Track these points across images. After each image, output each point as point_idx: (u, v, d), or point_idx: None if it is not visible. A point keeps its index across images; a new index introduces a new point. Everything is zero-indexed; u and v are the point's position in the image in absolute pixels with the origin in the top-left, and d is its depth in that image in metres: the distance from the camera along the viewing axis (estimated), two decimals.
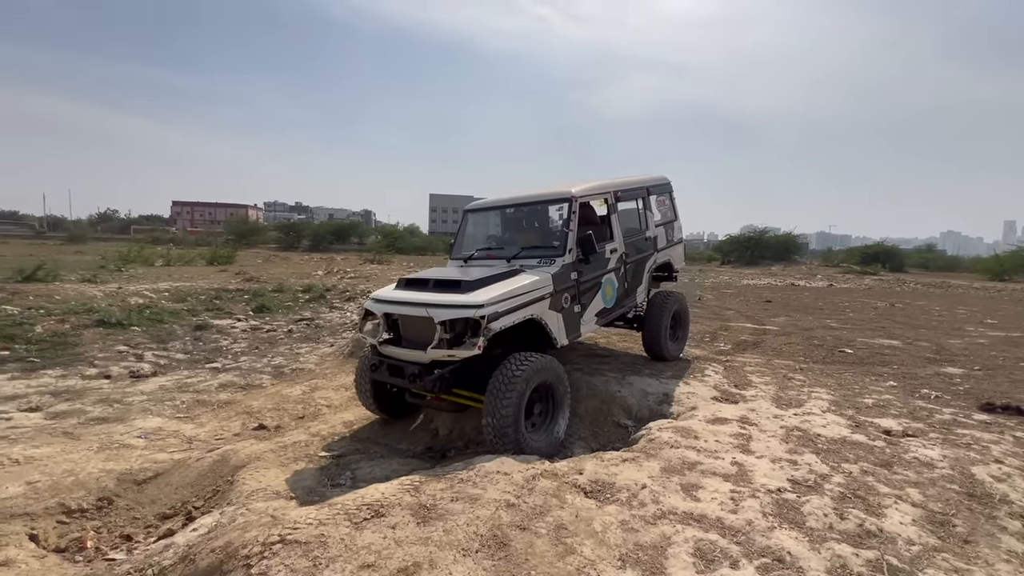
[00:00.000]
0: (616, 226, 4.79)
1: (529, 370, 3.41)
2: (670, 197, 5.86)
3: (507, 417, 3.29)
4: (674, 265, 5.85)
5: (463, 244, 4.98)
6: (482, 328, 3.34)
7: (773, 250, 37.64)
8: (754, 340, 7.46)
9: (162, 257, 22.63)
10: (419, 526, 2.27)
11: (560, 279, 4.02)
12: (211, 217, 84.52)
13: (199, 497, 3.47)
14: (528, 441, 3.43)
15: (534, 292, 3.77)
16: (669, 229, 5.73)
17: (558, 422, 3.80)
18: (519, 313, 3.63)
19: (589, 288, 4.39)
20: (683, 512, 2.53)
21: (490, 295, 3.50)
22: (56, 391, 5.05)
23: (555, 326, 3.97)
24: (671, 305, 5.44)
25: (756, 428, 3.76)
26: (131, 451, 3.91)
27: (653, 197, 5.51)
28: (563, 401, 3.83)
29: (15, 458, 3.62)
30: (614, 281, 4.73)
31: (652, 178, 5.58)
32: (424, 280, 3.96)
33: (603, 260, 4.57)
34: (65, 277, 12.52)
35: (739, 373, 5.38)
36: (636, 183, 5.27)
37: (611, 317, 4.83)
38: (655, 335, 5.34)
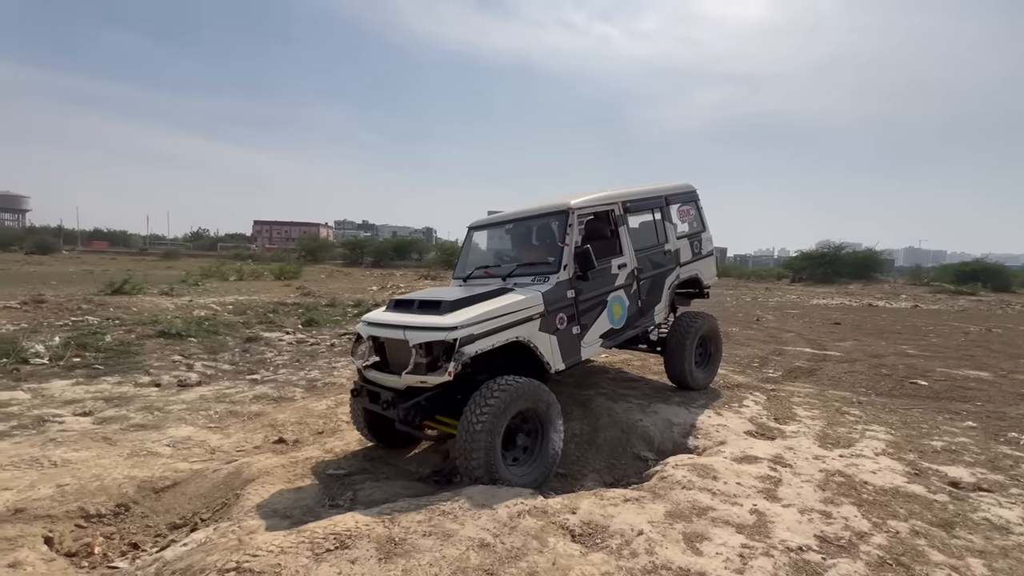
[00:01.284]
0: (625, 239, 4.45)
1: (504, 397, 3.12)
2: (696, 206, 5.39)
3: (477, 450, 3.03)
4: (703, 280, 5.36)
5: (465, 262, 4.82)
6: (454, 352, 3.15)
7: (851, 267, 34.79)
8: (810, 367, 6.78)
9: (236, 272, 24.45)
10: (380, 563, 2.15)
11: (553, 298, 3.75)
12: (287, 235, 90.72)
13: (209, 509, 3.55)
14: (507, 476, 3.14)
15: (519, 312, 3.52)
16: (695, 241, 5.27)
17: (549, 445, 3.46)
18: (500, 335, 3.39)
19: (591, 307, 4.07)
20: (678, 568, 2.23)
21: (465, 316, 3.30)
22: (109, 397, 5.45)
23: (547, 349, 3.69)
24: (697, 327, 4.97)
25: (789, 470, 3.33)
26: (157, 459, 4.09)
27: (674, 207, 5.12)
28: (552, 423, 3.48)
29: (54, 460, 3.89)
30: (623, 299, 4.37)
31: (671, 186, 5.17)
32: (410, 301, 3.79)
33: (609, 276, 4.25)
34: (148, 290, 13.76)
35: (783, 405, 4.86)
36: (649, 192, 4.90)
37: (621, 339, 4.46)
38: (678, 360, 4.91)
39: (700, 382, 5.07)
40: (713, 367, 5.33)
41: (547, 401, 3.40)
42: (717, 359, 5.39)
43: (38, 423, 4.61)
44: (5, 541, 2.89)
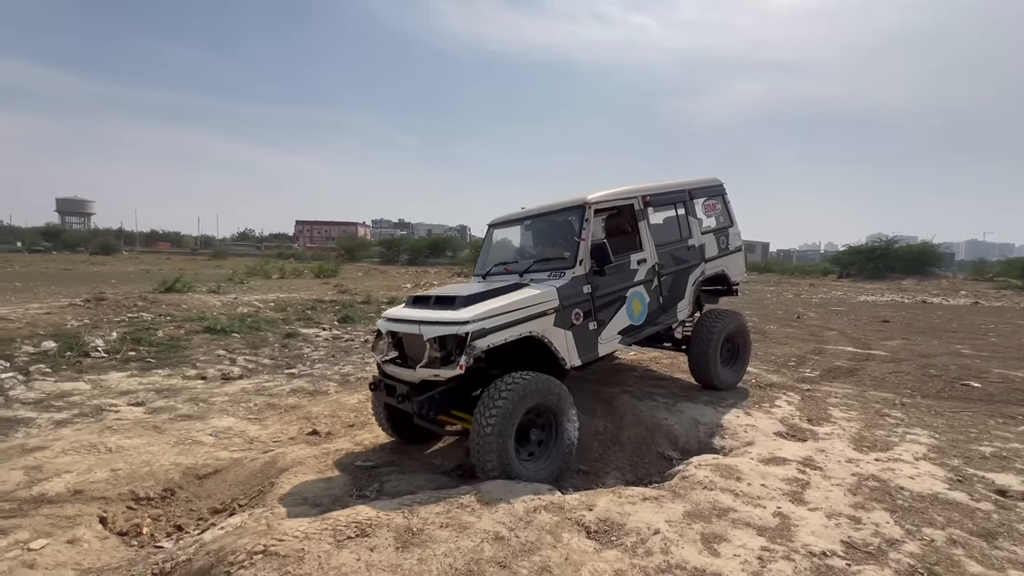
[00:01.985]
0: (645, 234, 4.38)
1: (512, 396, 3.12)
2: (723, 200, 5.24)
3: (490, 451, 3.05)
4: (731, 277, 5.21)
5: (485, 259, 4.85)
6: (466, 346, 3.18)
7: (904, 262, 32.92)
8: (851, 367, 6.48)
9: (278, 271, 25.45)
10: (397, 551, 2.22)
11: (568, 293, 3.72)
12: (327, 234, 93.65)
13: (246, 495, 3.74)
14: (522, 472, 3.16)
15: (534, 307, 3.51)
16: (722, 236, 5.14)
17: (564, 437, 3.46)
18: (513, 330, 3.39)
19: (609, 303, 4.03)
20: (694, 568, 2.21)
21: (477, 311, 3.31)
22: (159, 389, 5.81)
23: (562, 344, 3.67)
24: (723, 325, 4.83)
25: (819, 473, 3.22)
26: (200, 447, 4.35)
27: (699, 201, 5.00)
28: (565, 414, 3.46)
29: (110, 446, 4.19)
30: (644, 295, 4.30)
31: (695, 180, 5.05)
32: (428, 297, 3.84)
33: (628, 272, 4.20)
34: (197, 288, 14.52)
35: (818, 405, 4.68)
36: (672, 187, 4.80)
37: (642, 335, 4.38)
38: (702, 359, 4.78)
39: (726, 382, 4.93)
40: (741, 366, 5.17)
41: (558, 394, 3.39)
42: (745, 358, 5.22)
43: (96, 412, 4.98)
44: (65, 519, 3.15)
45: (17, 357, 6.36)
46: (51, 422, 4.66)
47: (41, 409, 4.96)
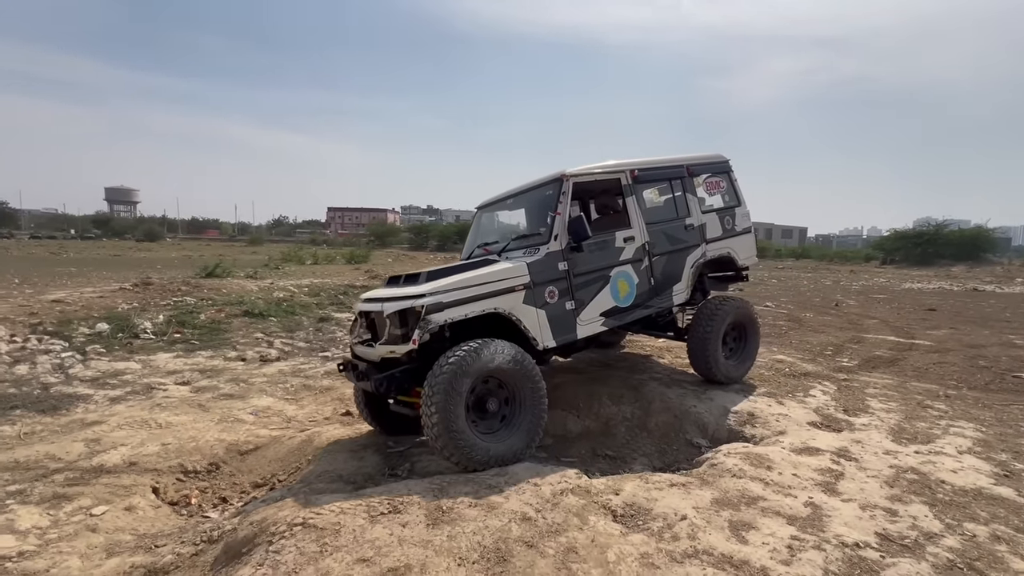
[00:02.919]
0: (634, 211, 4.13)
1: (460, 361, 2.95)
2: (729, 179, 4.90)
3: (435, 416, 2.90)
4: (738, 260, 4.84)
5: (473, 242, 4.69)
6: (419, 320, 3.07)
7: (955, 247, 31.21)
8: (892, 356, 6.24)
9: (312, 257, 26.11)
10: (428, 528, 2.31)
11: (541, 269, 3.52)
12: (357, 221, 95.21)
13: (285, 471, 3.92)
14: (476, 443, 3.01)
15: (499, 282, 3.34)
16: (727, 216, 4.79)
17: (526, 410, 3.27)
18: (475, 305, 3.23)
19: (590, 282, 3.80)
20: (720, 554, 2.21)
21: (436, 285, 3.21)
22: (203, 369, 6.11)
23: (533, 323, 3.47)
24: (726, 313, 4.50)
25: (854, 464, 3.14)
26: (242, 425, 4.56)
27: (700, 179, 4.70)
28: (530, 400, 3.26)
29: (160, 422, 4.45)
30: (631, 275, 4.04)
31: (696, 156, 4.74)
32: (399, 276, 3.74)
33: (612, 250, 3.96)
34: (236, 274, 15.07)
35: (855, 396, 4.55)
36: (666, 162, 4.51)
37: (630, 318, 4.11)
38: (701, 349, 4.45)
39: (729, 374, 4.60)
40: (747, 358, 4.83)
41: (518, 361, 3.18)
42: (752, 350, 4.87)
43: (147, 390, 5.27)
44: (122, 488, 3.38)
45: (75, 338, 6.77)
46: (106, 399, 4.97)
47: (97, 386, 5.29)
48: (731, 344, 4.74)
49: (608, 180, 4.17)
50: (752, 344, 4.85)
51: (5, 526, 2.78)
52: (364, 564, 2.02)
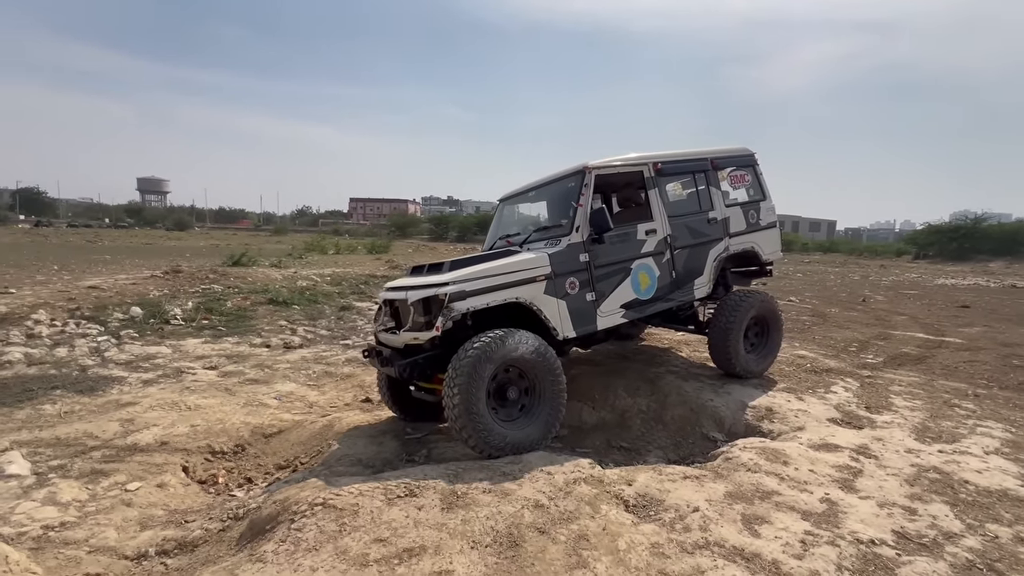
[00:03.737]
0: (656, 204, 4.12)
1: (484, 347, 3.02)
2: (753, 172, 4.81)
3: (457, 398, 2.98)
4: (762, 255, 4.78)
5: (493, 234, 4.74)
6: (443, 308, 3.14)
7: (993, 242, 30.01)
8: (920, 354, 6.07)
9: (334, 247, 26.52)
10: (443, 511, 2.37)
11: (562, 260, 3.57)
12: (379, 211, 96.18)
13: (307, 454, 4.05)
14: (496, 430, 3.08)
15: (521, 272, 3.41)
16: (751, 211, 4.72)
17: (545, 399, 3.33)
18: (497, 294, 3.30)
19: (611, 274, 3.82)
20: (732, 547, 2.21)
21: (459, 274, 3.28)
22: (230, 355, 6.31)
23: (553, 314, 3.52)
24: (748, 307, 4.45)
25: (874, 462, 3.09)
26: (266, 409, 4.72)
27: (725, 172, 4.62)
28: (550, 391, 3.32)
29: (189, 405, 4.63)
30: (652, 268, 4.04)
31: (721, 149, 4.67)
32: (423, 265, 3.84)
33: (634, 243, 3.97)
34: (261, 263, 15.43)
35: (878, 393, 4.45)
36: (690, 155, 4.47)
37: (650, 311, 4.10)
38: (721, 343, 4.42)
39: (749, 369, 4.54)
40: (768, 353, 4.75)
41: (539, 352, 3.25)
42: (775, 345, 4.79)
43: (177, 374, 5.48)
44: (154, 466, 3.54)
45: (110, 322, 7.06)
46: (139, 381, 5.19)
47: (131, 369, 5.52)
48: (753, 339, 4.68)
49: (631, 173, 4.15)
50: (774, 339, 4.77)
51: (48, 498, 2.95)
52: (380, 544, 2.09)
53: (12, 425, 4.00)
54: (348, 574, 1.90)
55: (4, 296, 8.22)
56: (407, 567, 1.95)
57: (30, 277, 11.47)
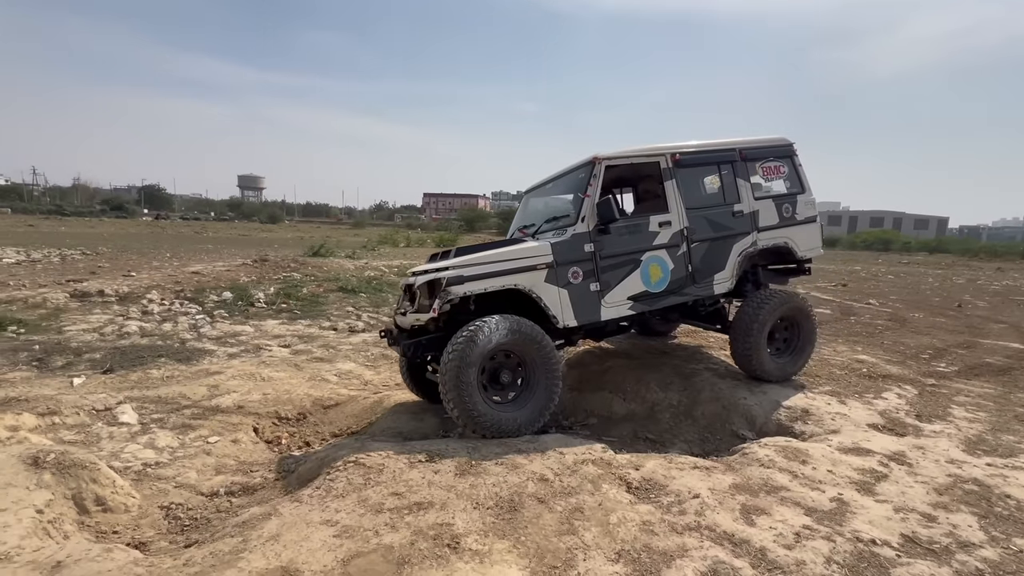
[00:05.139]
0: (672, 195, 4.02)
1: (473, 336, 3.16)
2: (791, 163, 4.53)
3: (449, 386, 3.13)
4: (797, 251, 4.49)
5: (514, 225, 4.82)
6: (439, 291, 3.30)
7: None
8: (1005, 365, 5.50)
9: (405, 240, 27.90)
10: (455, 476, 2.64)
11: (565, 249, 3.61)
12: (450, 206, 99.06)
13: (358, 425, 4.52)
14: (487, 413, 3.21)
15: (522, 260, 3.49)
16: (786, 204, 4.45)
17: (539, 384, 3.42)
18: (495, 280, 3.40)
19: (618, 265, 3.80)
20: (722, 532, 2.29)
21: (460, 260, 3.43)
22: (301, 335, 7.03)
23: (554, 302, 3.57)
24: (773, 306, 4.22)
25: (905, 469, 2.97)
26: (327, 384, 5.27)
27: (756, 164, 4.39)
28: (544, 361, 3.40)
29: (264, 377, 5.28)
30: (665, 261, 3.97)
31: (752, 140, 4.44)
32: (438, 252, 4.00)
33: (645, 234, 3.91)
34: (337, 254, 16.68)
35: (937, 402, 4.16)
36: (715, 145, 4.29)
37: (662, 304, 4.02)
38: (742, 343, 4.22)
39: (772, 372, 4.31)
40: (797, 358, 4.48)
41: (533, 338, 3.35)
42: (806, 348, 4.50)
43: (256, 350, 6.23)
44: (231, 425, 4.14)
45: (206, 303, 8.09)
46: (226, 354, 5.97)
47: (220, 344, 6.35)
48: (780, 341, 4.47)
49: (645, 164, 4.10)
50: (805, 343, 4.50)
51: (148, 443, 3.59)
52: (396, 497, 2.40)
53: (127, 384, 4.82)
54: (364, 517, 2.23)
55: (128, 279, 9.65)
56: (414, 516, 2.25)
57: (148, 263, 13.27)
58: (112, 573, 1.84)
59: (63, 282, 9.02)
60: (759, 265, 4.56)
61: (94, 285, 8.35)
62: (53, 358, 5.45)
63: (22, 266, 12.05)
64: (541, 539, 2.19)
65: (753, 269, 4.52)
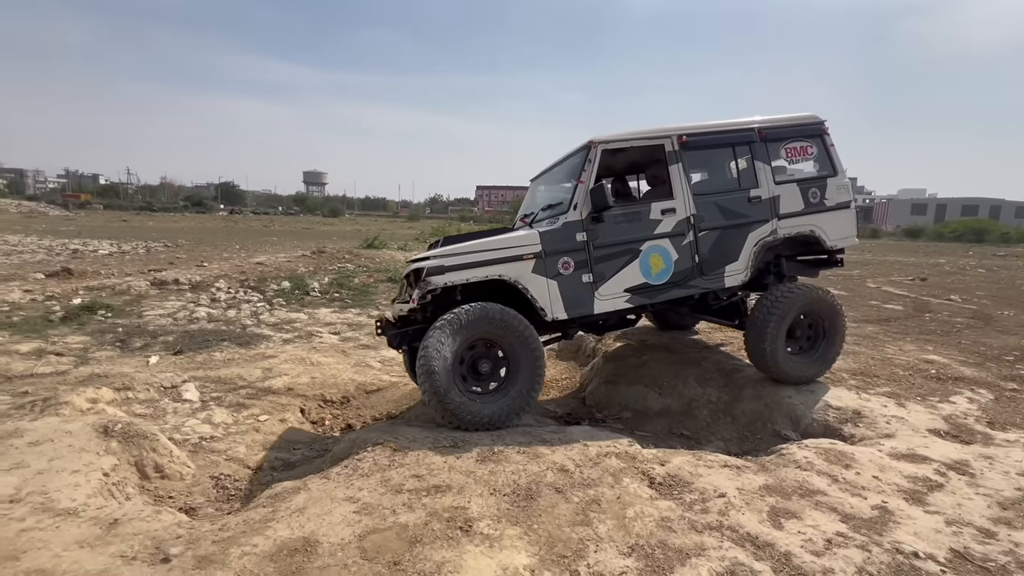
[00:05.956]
0: (678, 180, 3.73)
1: (445, 326, 3.12)
2: (821, 143, 4.09)
3: (424, 379, 3.11)
4: (826, 240, 4.06)
5: (520, 213, 4.70)
6: (420, 281, 3.25)
7: None
8: None
9: (456, 231, 28.38)
10: (476, 463, 2.69)
11: (555, 239, 3.46)
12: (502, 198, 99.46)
13: (397, 410, 4.70)
14: (462, 403, 3.17)
15: (507, 250, 3.38)
16: (813, 189, 4.03)
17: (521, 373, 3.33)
18: (478, 270, 3.31)
19: (614, 255, 3.60)
20: (746, 533, 2.20)
21: (444, 250, 3.36)
22: (351, 323, 7.36)
23: (542, 293, 3.44)
24: (792, 301, 3.85)
25: (966, 479, 2.71)
26: (370, 370, 5.50)
27: (778, 145, 3.99)
28: (525, 362, 3.31)
29: (314, 361, 5.59)
30: (668, 250, 3.71)
31: (775, 119, 4.04)
32: (436, 242, 3.95)
33: (645, 222, 3.67)
34: (390, 246, 17.25)
35: (1017, 408, 3.75)
36: (730, 125, 3.94)
37: (665, 297, 3.77)
38: (756, 340, 3.89)
39: (789, 373, 3.94)
40: (821, 358, 4.07)
41: (512, 327, 3.25)
42: (831, 348, 4.07)
43: (308, 336, 6.59)
44: (280, 406, 4.42)
45: (267, 292, 8.64)
46: (281, 340, 6.36)
47: (276, 330, 6.77)
48: (803, 340, 4.10)
49: (647, 147, 3.83)
50: (831, 342, 4.08)
51: (206, 419, 3.91)
52: (416, 479, 2.49)
53: (192, 365, 5.25)
54: (385, 496, 2.32)
55: (200, 268, 10.46)
56: (431, 498, 2.32)
57: (219, 254, 14.31)
58: (158, 531, 2.04)
59: (145, 271, 9.92)
60: (783, 256, 4.19)
61: (171, 274, 9.13)
62: (133, 339, 6.03)
63: (113, 257, 13.38)
64: (554, 528, 2.19)
65: (776, 260, 4.16)
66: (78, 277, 9.27)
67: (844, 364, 4.72)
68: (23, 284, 8.21)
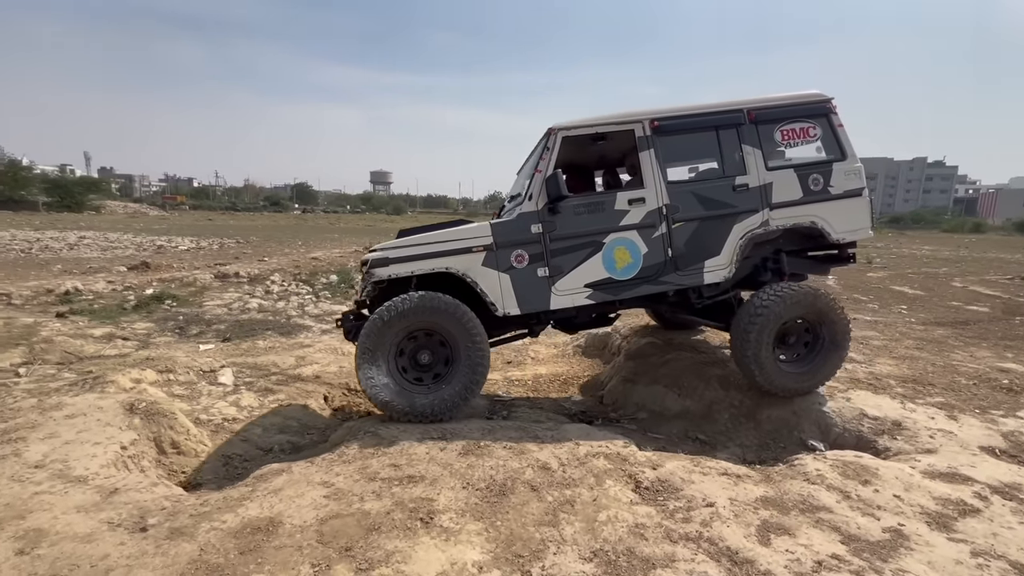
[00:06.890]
0: (649, 168, 3.44)
1: (380, 316, 3.10)
2: (828, 123, 3.62)
3: (360, 368, 3.11)
4: (831, 233, 3.61)
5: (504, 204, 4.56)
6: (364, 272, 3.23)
7: None
8: None
9: None
10: (458, 456, 2.68)
11: (508, 230, 3.32)
12: None
13: None
14: (404, 395, 3.16)
15: (455, 242, 3.29)
16: (815, 175, 3.59)
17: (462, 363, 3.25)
18: (424, 263, 3.25)
19: (573, 248, 3.39)
20: (725, 547, 2.03)
21: (393, 242, 3.32)
22: None
23: (493, 287, 3.31)
24: (786, 304, 3.42)
25: (1012, 504, 2.34)
26: None
27: (772, 126, 3.57)
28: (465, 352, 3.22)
29: (344, 352, 5.81)
30: (636, 243, 3.43)
31: (770, 98, 3.62)
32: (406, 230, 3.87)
33: (609, 213, 3.42)
34: None
35: None
36: (712, 107, 3.56)
37: (631, 294, 3.51)
38: (740, 343, 3.51)
39: (777, 383, 3.51)
40: (818, 368, 3.58)
41: (452, 315, 3.17)
42: (831, 357, 3.58)
43: None
44: (305, 392, 4.64)
45: (316, 285, 9.13)
46: (319, 331, 6.68)
47: (317, 321, 7.13)
48: (799, 347, 3.68)
49: (616, 132, 3.53)
50: (831, 350, 3.60)
51: (235, 402, 4.18)
52: (393, 468, 2.52)
53: (236, 351, 5.64)
54: (358, 483, 2.37)
55: (260, 263, 11.23)
56: (401, 488, 2.34)
57: (281, 250, 15.29)
58: (147, 503, 2.20)
59: (212, 265, 10.80)
60: (782, 251, 3.77)
61: (233, 268, 9.88)
62: (190, 327, 6.58)
63: (190, 252, 14.68)
64: (517, 526, 2.14)
65: (775, 256, 3.77)
66: (154, 270, 10.24)
67: (895, 370, 4.26)
68: (108, 276, 9.20)
